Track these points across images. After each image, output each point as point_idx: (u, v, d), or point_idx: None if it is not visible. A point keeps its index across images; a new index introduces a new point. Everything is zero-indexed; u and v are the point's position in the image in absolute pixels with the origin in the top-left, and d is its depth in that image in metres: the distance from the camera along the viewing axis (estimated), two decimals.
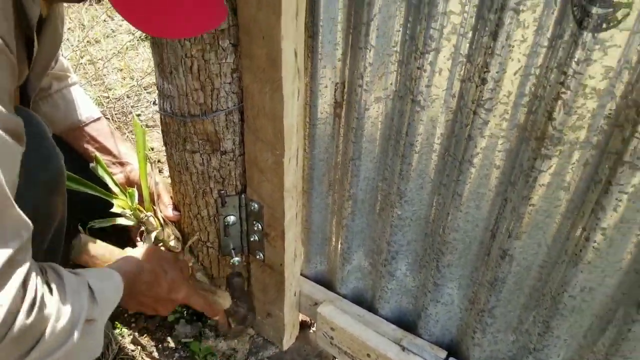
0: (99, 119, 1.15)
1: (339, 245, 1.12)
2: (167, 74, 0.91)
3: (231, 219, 1.08)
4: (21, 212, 0.60)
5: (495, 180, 0.83)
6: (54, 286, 0.66)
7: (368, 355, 1.09)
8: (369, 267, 1.12)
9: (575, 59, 0.66)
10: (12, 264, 0.59)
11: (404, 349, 1.06)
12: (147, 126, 1.96)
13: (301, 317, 1.32)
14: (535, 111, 0.74)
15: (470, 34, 0.74)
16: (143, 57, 2.33)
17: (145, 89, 2.13)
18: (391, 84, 0.86)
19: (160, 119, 1.01)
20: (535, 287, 0.89)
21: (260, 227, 1.07)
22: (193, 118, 0.94)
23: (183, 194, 1.08)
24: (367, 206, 1.03)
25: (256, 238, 1.10)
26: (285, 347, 1.27)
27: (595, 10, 0.62)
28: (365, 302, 1.17)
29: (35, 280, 0.62)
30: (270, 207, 1.03)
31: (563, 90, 0.69)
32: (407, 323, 1.12)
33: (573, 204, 0.78)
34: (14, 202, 0.59)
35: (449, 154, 0.86)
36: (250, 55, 0.85)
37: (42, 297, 0.63)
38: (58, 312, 0.64)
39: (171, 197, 1.14)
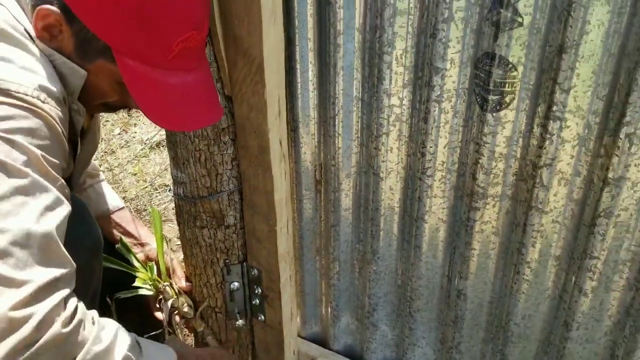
0: (122, 208, 1.38)
1: (329, 305, 1.30)
2: (180, 165, 1.15)
3: (235, 285, 1.27)
4: (67, 254, 0.79)
5: (444, 232, 1.04)
6: (96, 321, 0.81)
7: None
8: (355, 322, 1.30)
9: (484, 133, 0.90)
10: (54, 285, 0.74)
11: None
12: None
13: None
14: (463, 174, 0.96)
15: (409, 120, 0.98)
16: (153, 162, 2.61)
17: (156, 190, 2.38)
18: (356, 162, 1.09)
19: (175, 202, 1.23)
20: (489, 320, 1.07)
21: (260, 290, 1.26)
22: (202, 199, 1.17)
23: (194, 265, 1.28)
24: (349, 266, 1.23)
25: (257, 301, 1.29)
26: None
27: (490, 97, 0.87)
28: (355, 355, 1.33)
29: (77, 304, 0.77)
30: (267, 271, 1.23)
31: (479, 156, 0.92)
32: None
33: (503, 245, 0.98)
34: (62, 246, 0.78)
35: (407, 214, 1.07)
36: (245, 146, 1.09)
37: (82, 319, 0.77)
38: (96, 337, 0.78)
39: (184, 271, 1.34)
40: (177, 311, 1.30)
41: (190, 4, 0.83)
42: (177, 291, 1.31)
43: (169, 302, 1.28)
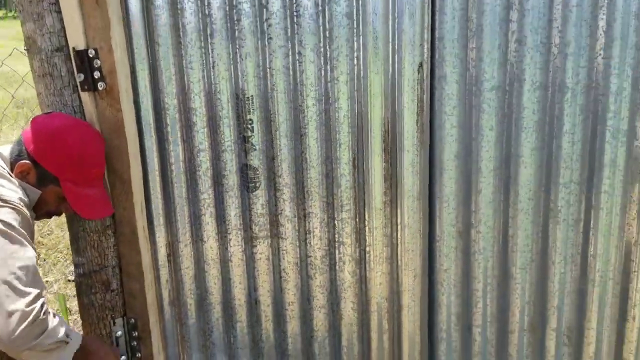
0: None
1: (184, 339, 2.00)
2: (80, 252, 1.87)
3: (119, 332, 1.94)
4: (42, 280, 1.48)
5: (240, 267, 1.86)
6: (52, 312, 1.49)
7: None
8: (202, 348, 2.00)
9: (251, 203, 1.78)
10: (40, 295, 1.42)
11: None
12: None
13: None
14: (246, 229, 1.83)
15: (216, 205, 1.85)
16: None
17: None
18: (189, 236, 1.90)
19: (75, 280, 1.91)
20: (275, 313, 1.87)
21: (136, 334, 1.94)
22: (95, 273, 1.88)
23: (89, 322, 1.92)
24: (193, 307, 1.97)
25: (135, 343, 1.95)
26: None
27: (250, 185, 1.77)
28: None
29: (47, 306, 1.47)
30: (141, 318, 1.92)
31: (252, 215, 1.79)
32: None
33: (272, 264, 1.83)
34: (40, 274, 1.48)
35: (216, 261, 1.89)
36: (122, 233, 1.85)
37: (50, 312, 1.46)
38: (54, 319, 1.47)
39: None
40: None
41: (99, 157, 1.66)
42: None
43: None
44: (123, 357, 1.95)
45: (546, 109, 1.45)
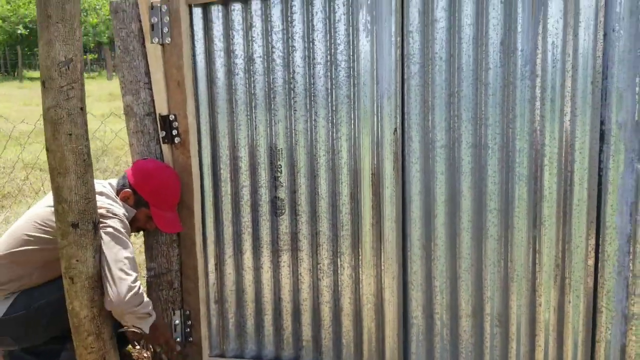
0: None
1: (224, 329, 2.66)
2: (153, 259, 2.58)
3: (177, 321, 2.62)
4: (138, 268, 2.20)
5: (270, 272, 2.55)
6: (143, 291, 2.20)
7: None
8: (237, 338, 2.66)
9: (278, 224, 2.49)
10: (137, 277, 2.13)
11: None
12: None
13: None
14: (276, 240, 2.53)
15: (259, 229, 2.56)
16: None
17: None
18: (232, 253, 2.60)
19: (147, 280, 2.61)
20: (295, 306, 2.54)
21: (190, 322, 2.62)
22: (163, 274, 2.58)
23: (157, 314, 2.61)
24: (233, 305, 2.64)
25: (188, 329, 2.63)
26: None
27: (278, 211, 2.49)
28: (241, 356, 2.67)
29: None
30: (194, 310, 2.61)
31: (279, 233, 2.50)
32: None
33: (297, 272, 2.52)
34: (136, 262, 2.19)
35: (250, 269, 2.58)
36: (184, 246, 2.57)
37: (143, 291, 2.16)
38: (145, 297, 2.16)
39: None
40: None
41: (177, 192, 2.41)
42: None
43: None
44: (178, 339, 2.63)
45: (476, 161, 2.15)
